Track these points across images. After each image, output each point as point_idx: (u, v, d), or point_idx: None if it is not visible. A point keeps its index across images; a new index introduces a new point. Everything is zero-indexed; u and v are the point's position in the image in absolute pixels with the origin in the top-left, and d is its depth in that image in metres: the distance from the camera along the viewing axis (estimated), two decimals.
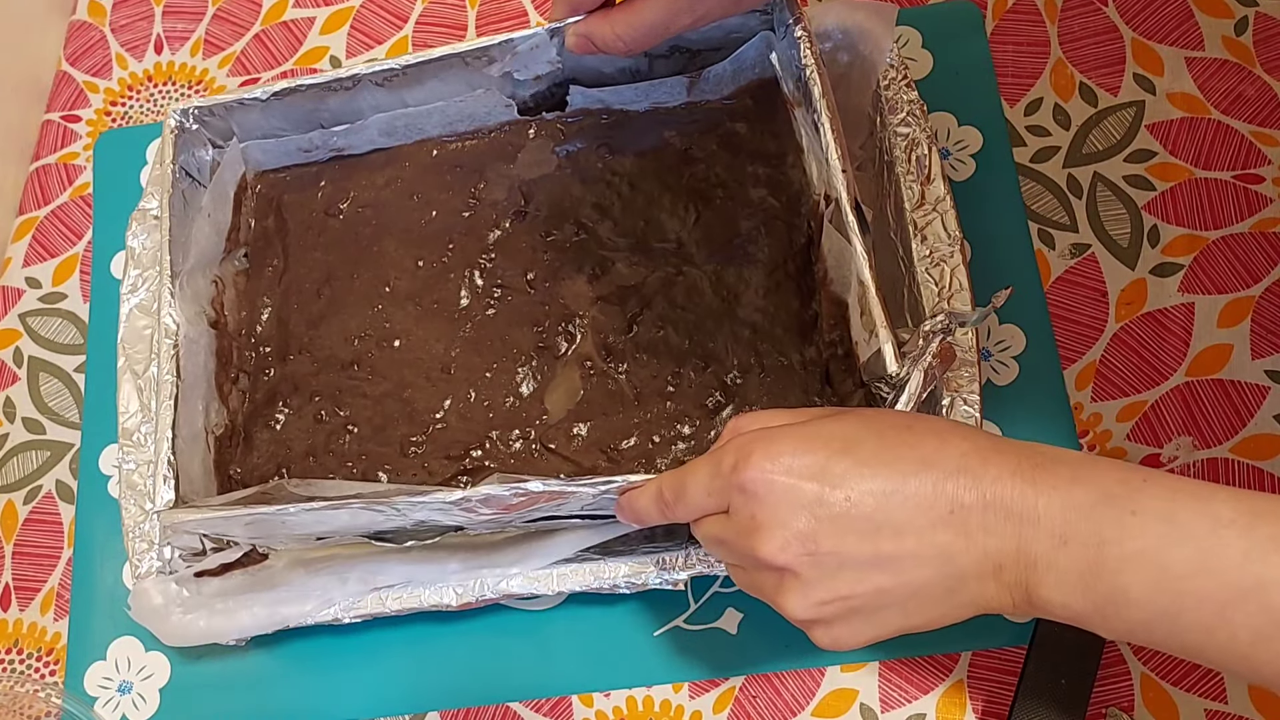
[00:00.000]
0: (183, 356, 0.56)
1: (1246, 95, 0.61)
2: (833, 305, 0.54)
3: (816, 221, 0.56)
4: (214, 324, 0.59)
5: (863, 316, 0.50)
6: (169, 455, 0.53)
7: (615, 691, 0.55)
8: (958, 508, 0.39)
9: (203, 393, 0.57)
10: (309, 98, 0.60)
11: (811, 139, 0.56)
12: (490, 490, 0.48)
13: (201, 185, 0.61)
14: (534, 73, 0.59)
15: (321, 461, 0.57)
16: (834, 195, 0.51)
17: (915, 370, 0.47)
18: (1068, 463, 0.39)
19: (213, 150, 0.62)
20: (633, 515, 0.48)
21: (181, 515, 0.51)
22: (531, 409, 0.56)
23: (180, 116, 0.60)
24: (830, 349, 0.54)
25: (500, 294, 0.59)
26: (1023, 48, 0.64)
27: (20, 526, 0.63)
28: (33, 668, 0.60)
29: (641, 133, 0.62)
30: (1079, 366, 0.57)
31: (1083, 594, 0.38)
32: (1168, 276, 0.58)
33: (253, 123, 0.62)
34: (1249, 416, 0.56)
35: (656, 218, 0.60)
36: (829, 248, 0.54)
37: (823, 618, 0.41)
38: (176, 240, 0.57)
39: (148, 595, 0.54)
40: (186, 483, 0.54)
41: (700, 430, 0.55)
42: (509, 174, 0.62)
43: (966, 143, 0.62)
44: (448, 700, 0.56)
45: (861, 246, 0.50)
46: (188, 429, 0.55)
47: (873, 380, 0.49)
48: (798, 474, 0.40)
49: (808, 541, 0.40)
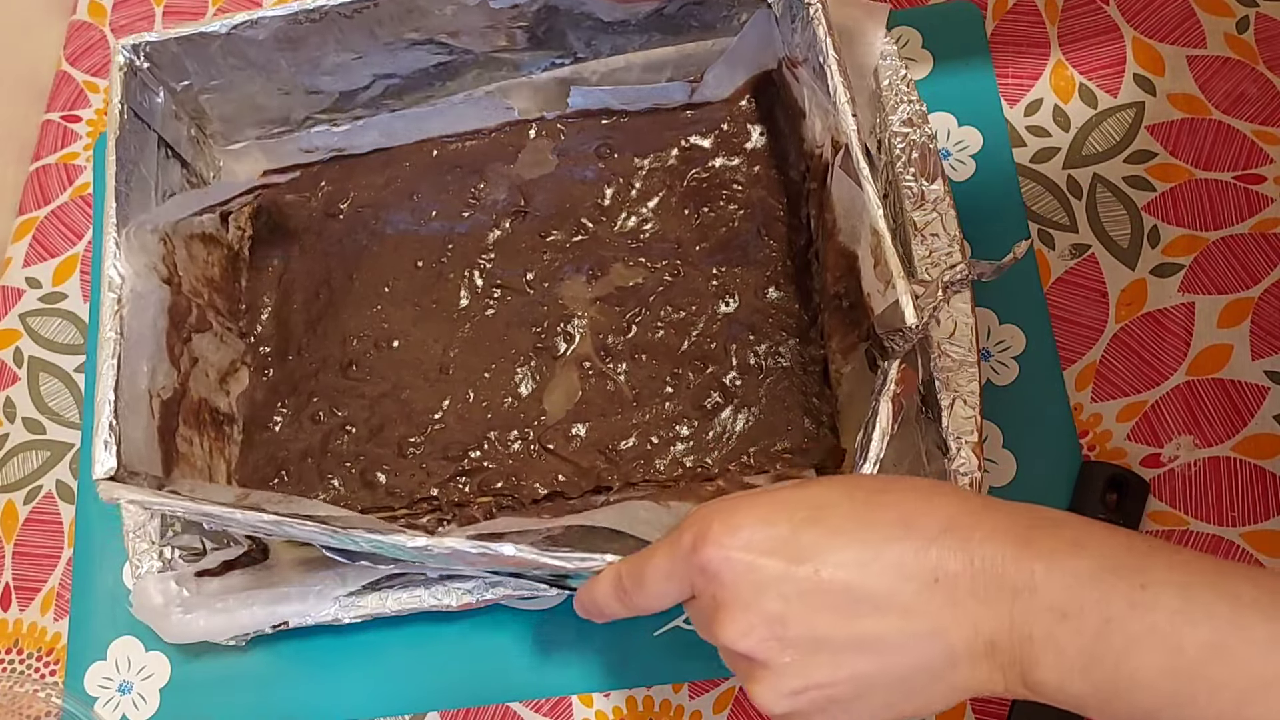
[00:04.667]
0: (128, 313, 0.51)
1: (1248, 94, 0.61)
2: (839, 256, 0.52)
3: (820, 173, 0.55)
4: (167, 280, 0.55)
5: (876, 267, 0.47)
6: (110, 419, 0.49)
7: (615, 691, 0.55)
8: (944, 575, 0.35)
9: (149, 352, 0.53)
10: (273, 35, 0.56)
11: (815, 92, 0.54)
12: (455, 545, 0.45)
13: (153, 130, 0.57)
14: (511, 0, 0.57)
15: (319, 462, 0.57)
16: (842, 140, 0.50)
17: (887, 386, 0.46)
18: (1067, 525, 0.36)
19: (165, 93, 0.58)
20: (593, 609, 0.44)
21: (121, 491, 0.48)
22: (530, 409, 0.56)
23: (130, 53, 0.55)
24: (834, 301, 0.52)
25: (499, 294, 0.59)
26: (1023, 48, 0.64)
27: (20, 526, 0.63)
28: (33, 668, 0.60)
29: (641, 133, 0.62)
30: (1079, 366, 0.57)
31: (1083, 675, 0.34)
32: (1168, 277, 0.58)
33: (211, 62, 0.57)
34: (1249, 417, 0.55)
35: (656, 218, 0.60)
36: (838, 195, 0.52)
37: (798, 710, 0.37)
38: (123, 188, 0.53)
39: (149, 593, 0.54)
40: (128, 448, 0.50)
41: (699, 431, 0.55)
42: (509, 174, 0.62)
43: (966, 143, 0.62)
44: (448, 700, 0.56)
45: (874, 192, 0.47)
46: (130, 391, 0.51)
47: (887, 333, 0.47)
48: (760, 548, 0.36)
49: (775, 625, 0.36)
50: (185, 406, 0.56)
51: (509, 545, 0.45)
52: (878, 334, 0.48)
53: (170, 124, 0.59)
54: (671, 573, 0.39)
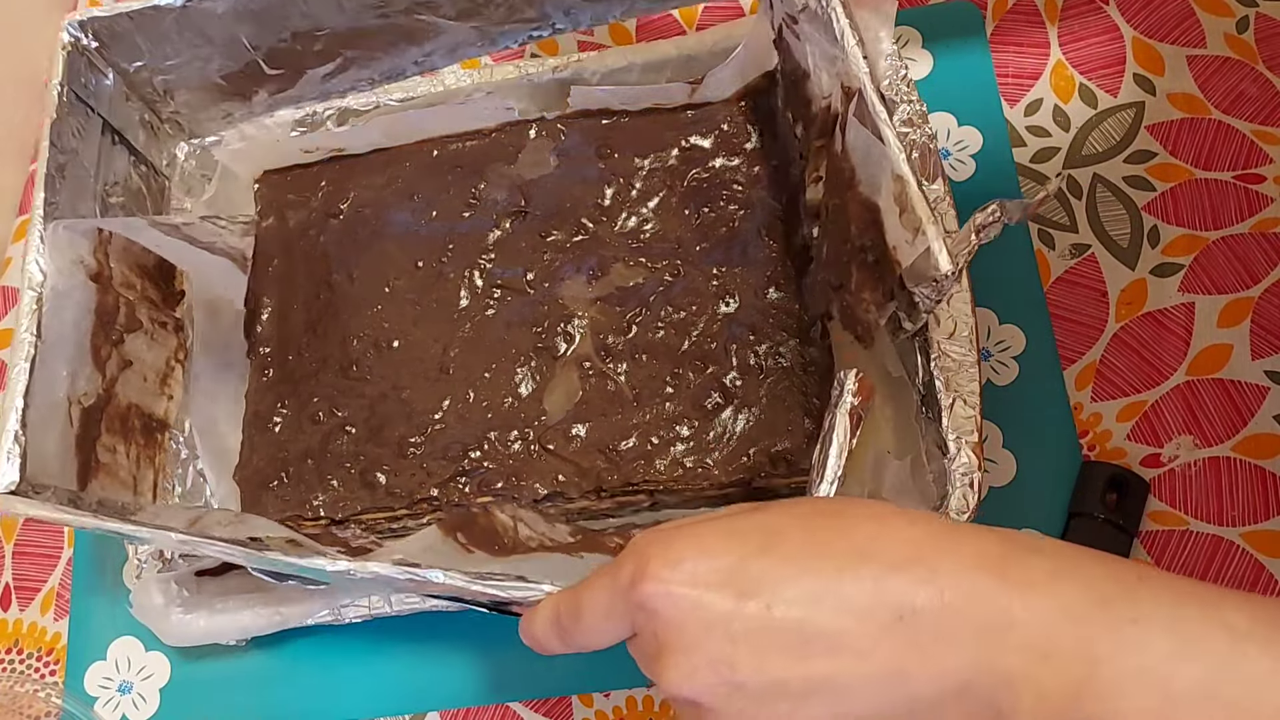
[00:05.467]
0: (48, 312, 0.48)
1: (1248, 93, 0.61)
2: (861, 208, 0.49)
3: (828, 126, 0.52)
4: (95, 276, 0.51)
5: (903, 215, 0.44)
6: (16, 427, 0.46)
7: (615, 691, 0.55)
8: (909, 612, 0.31)
9: (69, 355, 0.50)
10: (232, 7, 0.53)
11: (819, 43, 0.51)
12: (380, 569, 0.42)
13: (98, 114, 0.53)
14: None
15: (319, 463, 0.57)
16: (855, 85, 0.47)
17: None
18: (1044, 553, 0.32)
19: (114, 75, 0.54)
20: (533, 644, 0.40)
21: (21, 507, 0.45)
22: (530, 410, 0.56)
23: (76, 31, 0.52)
24: (859, 255, 0.49)
25: (499, 294, 0.59)
26: (1023, 48, 0.64)
27: (20, 526, 0.63)
28: (33, 668, 0.60)
29: (641, 133, 0.62)
30: (1079, 366, 0.57)
31: None
32: (1168, 276, 0.58)
33: (166, 39, 0.54)
34: (1249, 416, 0.55)
35: (656, 218, 0.60)
36: (854, 145, 0.49)
37: None
38: (55, 176, 0.50)
39: (149, 593, 0.54)
40: (36, 461, 0.47)
41: (699, 431, 0.55)
42: (509, 174, 0.62)
43: (966, 143, 0.62)
44: (448, 700, 0.56)
45: (893, 136, 0.45)
46: (44, 398, 0.48)
47: (919, 284, 0.44)
48: (704, 582, 0.33)
49: (720, 668, 0.32)
50: (110, 413, 0.52)
51: (437, 571, 0.42)
52: (907, 288, 0.45)
53: (120, 108, 0.56)
54: (611, 610, 0.35)
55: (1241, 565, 0.53)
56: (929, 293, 0.44)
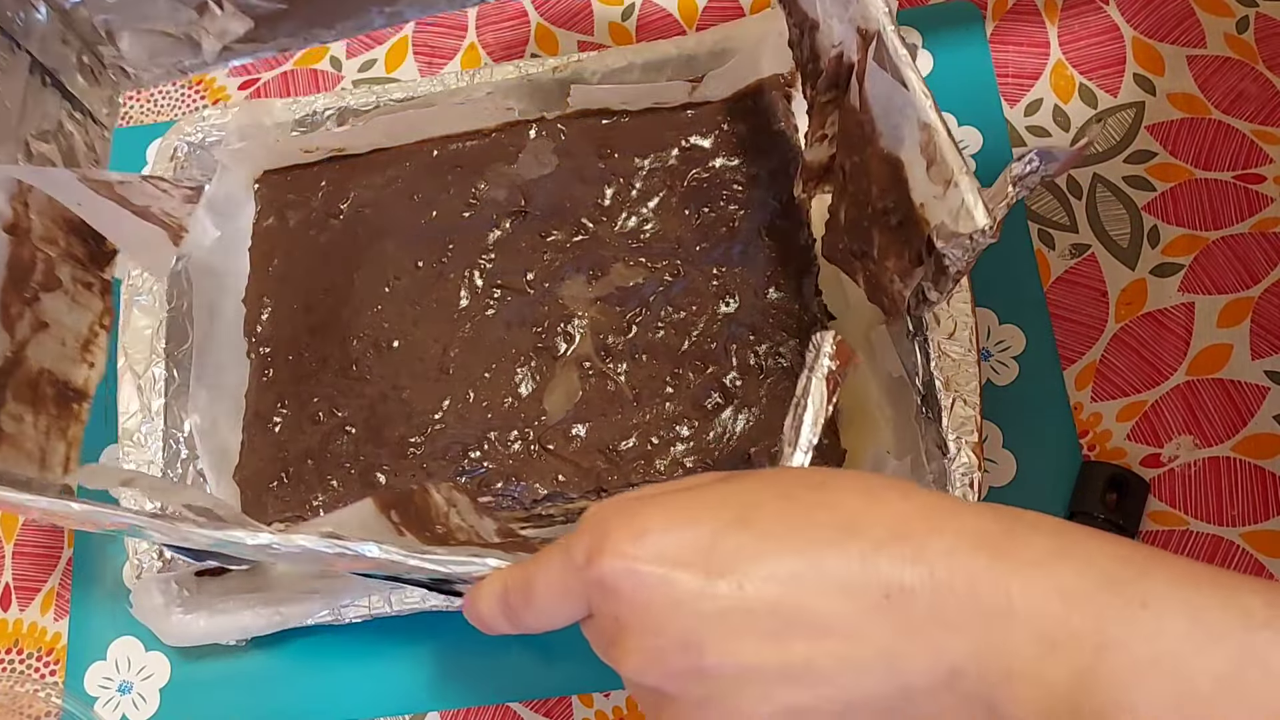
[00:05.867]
0: None
1: (1248, 93, 0.61)
2: (883, 164, 0.45)
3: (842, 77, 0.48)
4: (9, 227, 0.47)
5: (931, 168, 0.41)
6: None
7: (615, 691, 0.55)
8: (896, 591, 0.28)
9: None
10: None
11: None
12: (306, 543, 0.38)
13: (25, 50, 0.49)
14: None
15: (319, 463, 0.57)
16: (872, 28, 0.43)
17: None
18: (1047, 531, 0.30)
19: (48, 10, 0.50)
20: (479, 623, 0.37)
21: None
22: (530, 410, 0.56)
23: None
24: (881, 218, 0.46)
25: (499, 294, 0.59)
26: (1023, 48, 0.64)
27: (20, 526, 0.63)
28: (33, 668, 0.60)
29: (641, 132, 0.62)
30: (1079, 366, 0.57)
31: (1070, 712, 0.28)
32: (1168, 276, 0.58)
33: None
34: (1249, 416, 0.55)
35: (656, 218, 0.60)
36: (874, 94, 0.44)
37: None
38: None
39: (149, 593, 0.54)
40: None
41: (699, 431, 0.55)
42: (509, 174, 0.62)
43: (966, 143, 0.62)
44: (448, 700, 0.56)
45: (917, 79, 0.41)
46: None
47: (949, 244, 0.40)
48: (671, 559, 0.30)
49: (688, 652, 0.29)
50: (19, 379, 0.48)
51: (372, 545, 0.38)
52: (936, 250, 0.41)
53: (53, 46, 0.51)
54: (565, 588, 0.32)
55: (1241, 565, 0.53)
56: (960, 254, 0.40)
